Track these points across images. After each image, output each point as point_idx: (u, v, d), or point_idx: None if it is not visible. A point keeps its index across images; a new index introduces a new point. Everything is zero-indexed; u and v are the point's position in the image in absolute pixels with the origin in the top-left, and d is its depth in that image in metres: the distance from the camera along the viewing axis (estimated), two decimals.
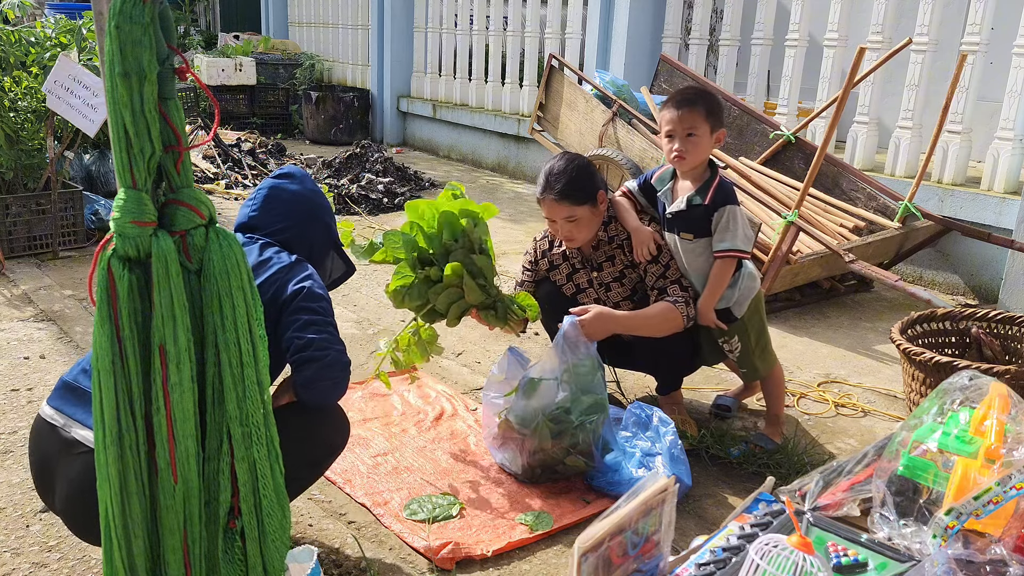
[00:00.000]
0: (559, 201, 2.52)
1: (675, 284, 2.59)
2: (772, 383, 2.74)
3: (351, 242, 2.59)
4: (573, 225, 2.56)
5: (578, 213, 2.53)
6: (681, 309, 2.54)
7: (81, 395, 1.81)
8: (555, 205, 2.53)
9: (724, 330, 2.63)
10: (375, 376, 2.65)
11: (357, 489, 2.38)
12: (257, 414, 1.49)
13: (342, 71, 9.81)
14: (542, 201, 2.58)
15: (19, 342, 3.35)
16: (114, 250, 1.39)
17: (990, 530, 1.65)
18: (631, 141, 4.50)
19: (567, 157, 2.58)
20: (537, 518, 2.25)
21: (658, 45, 6.23)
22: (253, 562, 1.54)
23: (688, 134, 2.45)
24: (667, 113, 2.48)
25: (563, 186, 2.50)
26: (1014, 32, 4.28)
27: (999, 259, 4.23)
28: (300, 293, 1.90)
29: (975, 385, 1.89)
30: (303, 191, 2.16)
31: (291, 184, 2.16)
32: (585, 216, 2.54)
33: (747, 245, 2.54)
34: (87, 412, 1.75)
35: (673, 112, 2.46)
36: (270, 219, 2.10)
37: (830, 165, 4.59)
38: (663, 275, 2.60)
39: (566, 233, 2.59)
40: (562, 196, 2.51)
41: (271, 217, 2.10)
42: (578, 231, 2.57)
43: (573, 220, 2.54)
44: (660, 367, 2.78)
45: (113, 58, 1.32)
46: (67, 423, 1.78)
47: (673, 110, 2.46)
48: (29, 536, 2.12)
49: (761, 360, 2.69)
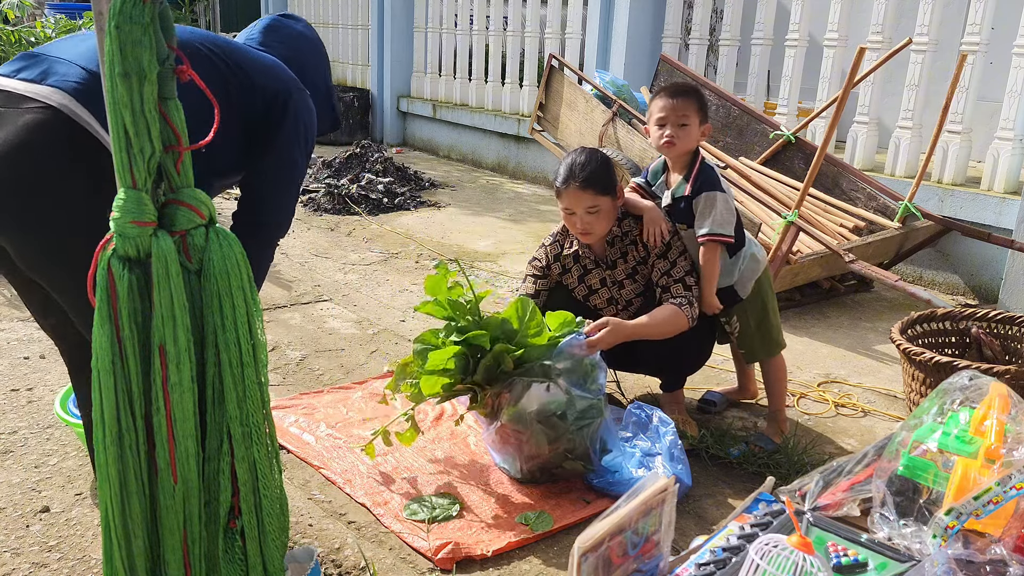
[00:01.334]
0: (583, 189, 2.51)
1: (679, 283, 2.59)
2: (772, 372, 2.76)
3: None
4: (594, 217, 2.55)
5: (601, 203, 2.53)
6: (686, 311, 2.55)
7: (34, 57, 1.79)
8: (579, 193, 2.52)
9: (724, 310, 2.68)
10: (364, 450, 2.50)
11: (357, 489, 2.38)
12: (257, 414, 1.49)
13: (342, 71, 9.81)
14: (564, 191, 2.55)
15: (19, 342, 3.35)
16: (114, 250, 1.39)
17: (990, 530, 1.65)
18: (631, 141, 4.50)
19: (588, 150, 2.60)
20: (537, 518, 2.25)
21: (658, 45, 6.23)
22: (253, 562, 1.54)
23: (681, 123, 2.54)
24: (660, 102, 2.56)
25: (588, 174, 2.51)
26: (1014, 32, 4.28)
27: (999, 259, 4.23)
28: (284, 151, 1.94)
29: (975, 385, 1.90)
30: (307, 32, 2.14)
31: (295, 24, 2.13)
32: (606, 208, 2.55)
33: (724, 228, 2.56)
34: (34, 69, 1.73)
35: (667, 100, 2.55)
36: (269, 43, 2.06)
37: (830, 165, 4.59)
38: (668, 272, 2.60)
39: (585, 225, 2.57)
40: (587, 184, 2.50)
41: (271, 42, 2.06)
42: (597, 223, 2.56)
43: (594, 211, 2.54)
44: (665, 365, 2.78)
45: (113, 58, 1.32)
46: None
47: (667, 99, 2.55)
48: (29, 536, 2.12)
49: (761, 344, 2.73)
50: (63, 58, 1.78)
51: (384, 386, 2.55)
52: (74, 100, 1.69)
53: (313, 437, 2.66)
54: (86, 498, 2.28)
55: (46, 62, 1.76)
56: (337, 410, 2.86)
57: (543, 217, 6.01)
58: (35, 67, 1.75)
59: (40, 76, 1.72)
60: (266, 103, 1.98)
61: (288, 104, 2.00)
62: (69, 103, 1.68)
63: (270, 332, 3.56)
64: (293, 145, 2.02)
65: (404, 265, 4.70)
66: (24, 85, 1.71)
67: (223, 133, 1.86)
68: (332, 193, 6.10)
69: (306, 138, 2.06)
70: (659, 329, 2.55)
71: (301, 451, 2.57)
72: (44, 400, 2.85)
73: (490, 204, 6.38)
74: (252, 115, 1.96)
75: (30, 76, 1.73)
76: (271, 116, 1.98)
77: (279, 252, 4.82)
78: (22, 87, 1.71)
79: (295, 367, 3.26)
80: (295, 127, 2.01)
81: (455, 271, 2.39)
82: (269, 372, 2.50)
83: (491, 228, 5.65)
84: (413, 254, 4.93)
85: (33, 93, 1.69)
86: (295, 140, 2.02)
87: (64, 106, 1.68)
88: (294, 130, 2.01)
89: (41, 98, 1.69)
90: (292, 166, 2.03)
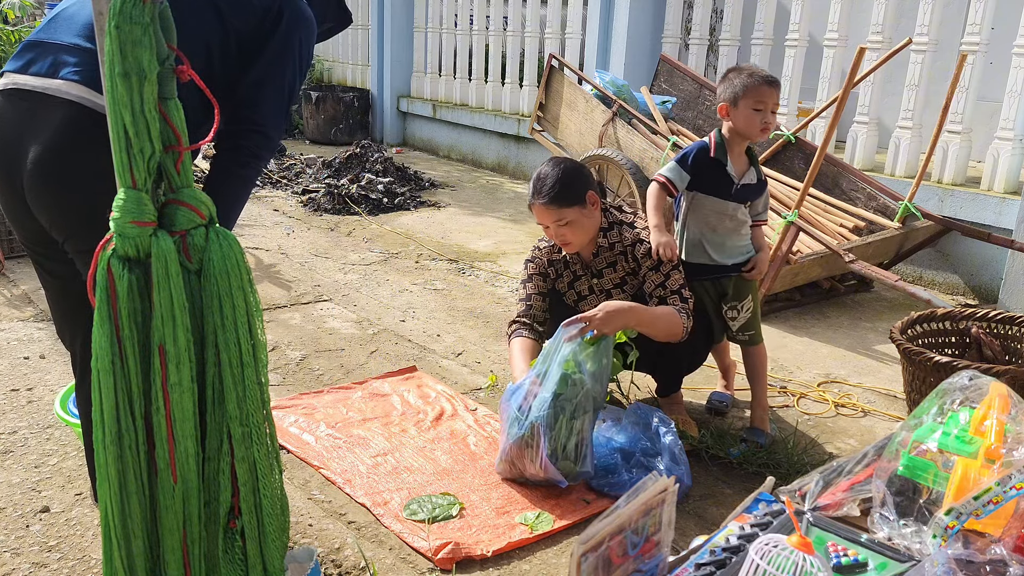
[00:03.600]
0: (547, 205, 2.53)
1: (675, 295, 2.59)
2: (759, 359, 2.81)
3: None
4: (566, 228, 2.56)
5: (567, 216, 2.54)
6: (683, 320, 2.55)
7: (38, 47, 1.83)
8: (544, 209, 2.55)
9: (740, 294, 2.76)
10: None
11: (357, 489, 2.38)
12: (257, 414, 1.49)
13: (342, 71, 9.81)
14: (532, 207, 2.59)
15: (19, 342, 3.35)
16: (114, 250, 1.39)
17: (990, 530, 1.65)
18: (631, 141, 4.50)
19: (554, 161, 2.62)
20: (537, 518, 2.25)
21: (658, 45, 6.23)
22: (253, 562, 1.54)
23: (773, 111, 2.65)
24: (763, 87, 2.63)
25: (549, 189, 2.52)
26: (1014, 32, 4.28)
27: (999, 259, 4.23)
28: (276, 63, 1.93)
29: (975, 385, 1.89)
30: None
31: None
32: (575, 218, 2.55)
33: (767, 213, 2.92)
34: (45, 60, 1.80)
35: (769, 88, 2.64)
36: None
37: (830, 165, 4.59)
38: (663, 284, 2.60)
39: (560, 237, 2.60)
40: (550, 200, 2.52)
41: None
42: (572, 234, 2.57)
43: (564, 223, 2.55)
44: (659, 368, 2.78)
45: (113, 58, 1.32)
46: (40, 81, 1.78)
47: (768, 87, 2.64)
48: (29, 536, 2.12)
49: (759, 325, 2.82)
50: (64, 42, 1.82)
51: (385, 386, 2.56)
52: (88, 89, 1.76)
53: (313, 437, 2.66)
54: (86, 498, 2.28)
55: (51, 50, 1.81)
56: (337, 410, 2.86)
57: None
58: (43, 58, 1.81)
59: (51, 69, 1.79)
60: (259, 14, 1.96)
61: (282, 13, 1.97)
62: (85, 93, 1.76)
63: (270, 332, 3.56)
64: (285, 53, 1.98)
65: (404, 265, 4.70)
66: (40, 81, 1.78)
67: (221, 58, 1.87)
68: (332, 193, 6.09)
69: (300, 49, 2.02)
70: (659, 323, 2.53)
71: (301, 451, 2.57)
72: (44, 400, 2.85)
73: (490, 204, 6.38)
74: (245, 28, 1.94)
75: (42, 70, 1.79)
76: (264, 26, 1.96)
77: (279, 252, 4.82)
78: (39, 84, 1.78)
79: (295, 367, 3.26)
80: (288, 36, 1.98)
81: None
82: (269, 372, 2.50)
83: (491, 228, 5.65)
84: (413, 254, 4.93)
85: (51, 90, 1.77)
86: (287, 48, 1.98)
87: (82, 98, 1.76)
88: (287, 37, 1.98)
89: (60, 94, 1.76)
90: (282, 75, 1.99)
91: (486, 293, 4.26)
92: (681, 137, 4.70)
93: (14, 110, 1.81)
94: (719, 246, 2.74)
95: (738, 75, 2.64)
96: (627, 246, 2.65)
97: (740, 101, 2.63)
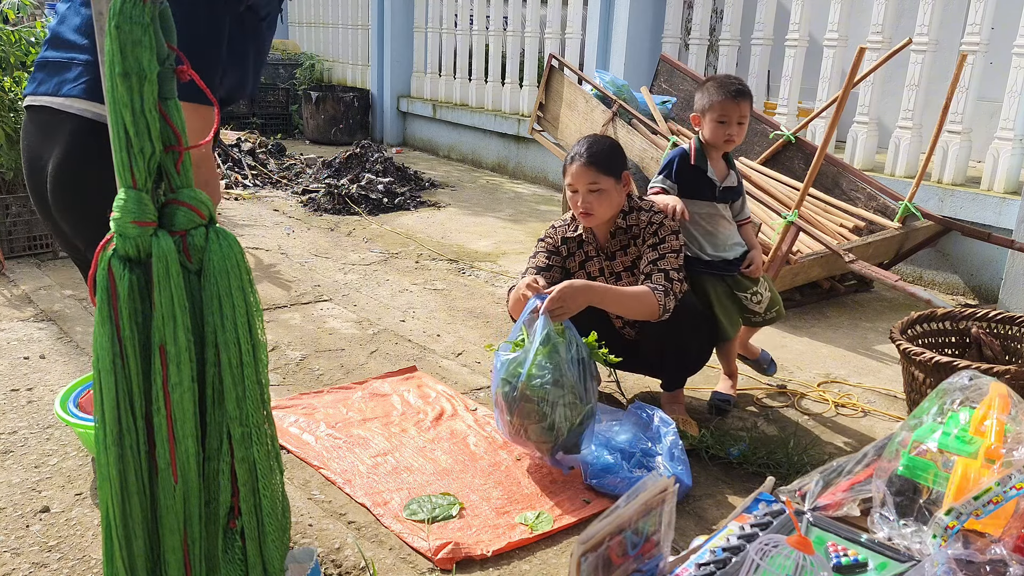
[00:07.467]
0: (587, 166, 2.55)
1: (661, 273, 2.57)
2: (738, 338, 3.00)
3: None
4: (595, 197, 2.56)
5: (602, 183, 2.55)
6: (659, 297, 2.51)
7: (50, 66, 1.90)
8: (583, 170, 2.56)
9: (753, 280, 2.86)
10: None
11: (357, 489, 2.38)
12: (257, 414, 1.49)
13: (342, 71, 9.81)
14: (569, 167, 2.60)
15: (19, 342, 3.35)
16: (114, 250, 1.39)
17: (990, 530, 1.65)
18: (631, 141, 4.50)
19: (603, 137, 2.71)
20: (537, 518, 2.25)
21: (658, 45, 6.24)
22: (253, 562, 1.54)
23: (739, 123, 2.75)
24: (729, 103, 2.73)
25: (593, 153, 2.56)
26: (1014, 32, 4.28)
27: (999, 259, 4.23)
28: None
29: (975, 385, 1.90)
30: None
31: None
32: (608, 189, 2.56)
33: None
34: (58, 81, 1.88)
35: (733, 103, 2.73)
36: None
37: (830, 165, 4.59)
38: (655, 262, 2.59)
39: (585, 205, 2.58)
40: (590, 162, 2.55)
41: None
42: (598, 204, 2.57)
43: (595, 190, 2.55)
44: (668, 362, 2.76)
45: (113, 58, 1.32)
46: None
47: (732, 102, 2.72)
48: (29, 536, 2.12)
49: (779, 297, 2.97)
50: (63, 58, 1.90)
51: (385, 386, 2.56)
52: (89, 101, 1.84)
53: (313, 437, 2.66)
54: (86, 498, 2.28)
55: (56, 68, 1.91)
56: (337, 410, 2.86)
57: (543, 217, 6.01)
58: (49, 79, 1.91)
59: (56, 87, 1.89)
60: None
61: None
62: (87, 106, 1.85)
63: (270, 332, 3.56)
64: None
65: (404, 265, 4.70)
66: (49, 100, 1.89)
67: None
68: (332, 193, 6.10)
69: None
70: (625, 301, 2.52)
71: (301, 451, 2.57)
72: (44, 400, 2.85)
73: (490, 204, 6.38)
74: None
75: (48, 89, 1.90)
76: None
77: (279, 252, 4.82)
78: (48, 101, 1.89)
79: (295, 367, 3.26)
80: None
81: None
82: (269, 372, 2.49)
83: (491, 228, 5.65)
84: (413, 254, 4.93)
85: (57, 104, 1.87)
86: None
87: (84, 110, 1.85)
88: None
89: (65, 108, 1.86)
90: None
91: (486, 293, 4.26)
92: (681, 137, 4.69)
93: (35, 125, 1.94)
94: (711, 239, 2.85)
95: (709, 87, 2.77)
96: (642, 228, 2.66)
97: (707, 113, 2.77)
